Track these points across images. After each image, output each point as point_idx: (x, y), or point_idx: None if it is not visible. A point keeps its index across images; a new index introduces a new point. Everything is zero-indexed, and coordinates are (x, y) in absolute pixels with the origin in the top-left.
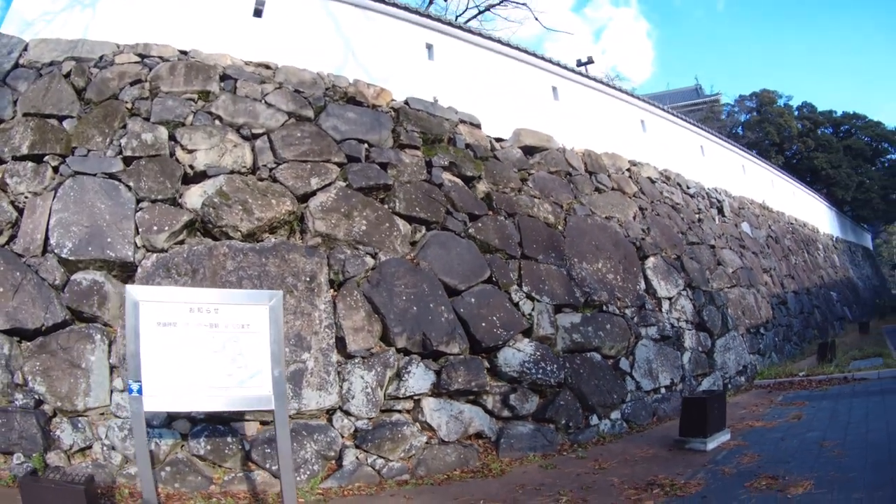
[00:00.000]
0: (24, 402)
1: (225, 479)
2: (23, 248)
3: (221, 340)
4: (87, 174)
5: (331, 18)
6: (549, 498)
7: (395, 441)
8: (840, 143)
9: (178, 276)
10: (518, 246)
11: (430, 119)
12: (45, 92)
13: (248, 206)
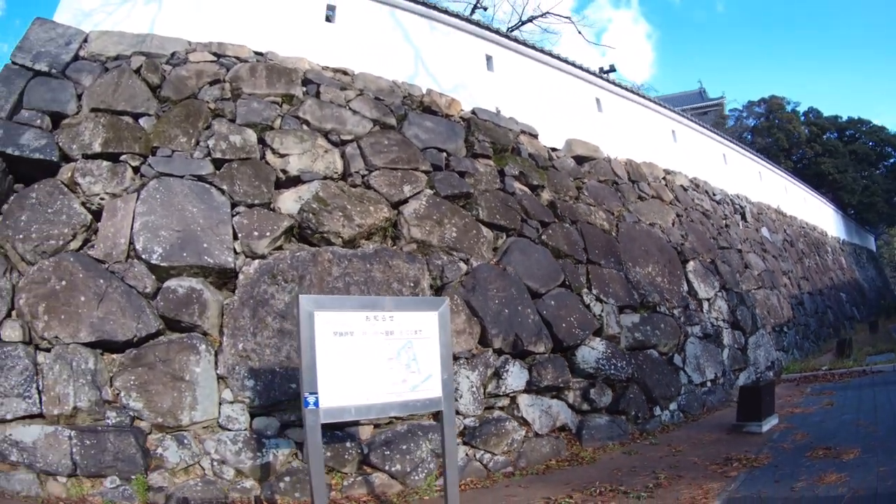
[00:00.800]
0: (118, 420)
1: (344, 484)
2: (104, 253)
3: (396, 347)
4: (174, 176)
5: (399, 27)
6: (647, 477)
7: (499, 436)
8: (846, 148)
9: (284, 282)
10: (583, 251)
11: (496, 129)
12: (116, 87)
13: (347, 212)
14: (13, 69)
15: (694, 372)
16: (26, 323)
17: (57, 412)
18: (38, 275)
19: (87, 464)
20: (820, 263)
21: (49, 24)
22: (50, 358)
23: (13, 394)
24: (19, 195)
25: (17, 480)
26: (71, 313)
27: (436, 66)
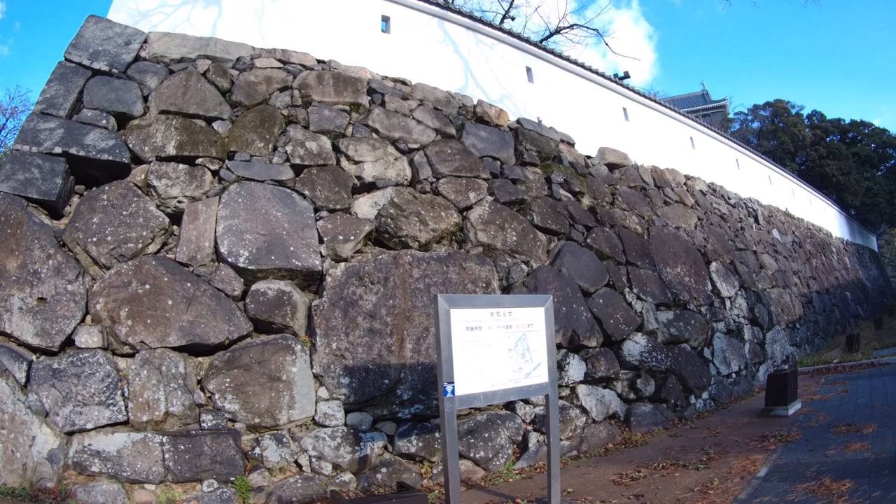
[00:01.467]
0: (215, 423)
1: (433, 472)
2: (187, 256)
3: (514, 339)
4: (255, 180)
5: (448, 40)
6: (698, 453)
7: (564, 423)
8: (849, 151)
9: (370, 283)
10: (622, 253)
11: (539, 138)
12: (185, 90)
13: (422, 217)
14: (69, 67)
15: (721, 364)
16: (106, 328)
17: (146, 418)
18: (117, 279)
19: (181, 469)
20: (826, 263)
21: (105, 23)
22: (136, 363)
23: (93, 402)
24: (88, 197)
25: (100, 492)
26: (158, 317)
27: (483, 78)
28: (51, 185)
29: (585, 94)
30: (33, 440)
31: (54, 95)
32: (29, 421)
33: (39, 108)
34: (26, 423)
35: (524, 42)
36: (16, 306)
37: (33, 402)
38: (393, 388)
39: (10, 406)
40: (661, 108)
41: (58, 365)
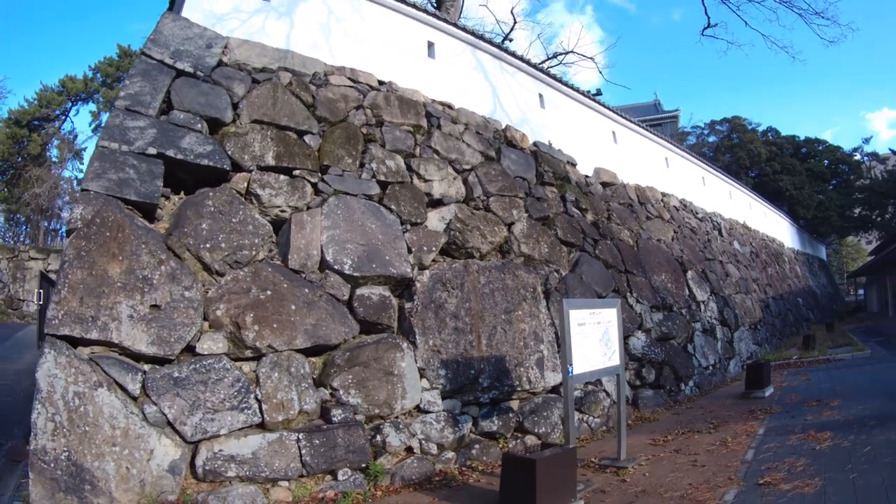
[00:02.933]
0: (344, 416)
1: (509, 446)
2: (299, 264)
3: (602, 332)
4: (349, 194)
5: (480, 67)
6: (704, 423)
7: (595, 404)
8: (802, 166)
9: (451, 288)
10: (622, 263)
11: (552, 160)
12: (274, 101)
13: (482, 231)
14: (151, 63)
15: (702, 358)
16: (230, 334)
17: (281, 418)
18: (235, 285)
19: (317, 462)
20: (780, 272)
21: (183, 22)
22: (265, 366)
23: (225, 407)
24: (191, 202)
25: (237, 495)
26: (283, 321)
27: (506, 103)
28: (151, 188)
29: (584, 119)
30: (151, 453)
31: (139, 92)
32: (145, 434)
33: (124, 103)
34: (142, 436)
35: (538, 70)
36: (125, 314)
37: (152, 414)
38: (476, 378)
39: (122, 420)
40: (643, 132)
41: (179, 373)
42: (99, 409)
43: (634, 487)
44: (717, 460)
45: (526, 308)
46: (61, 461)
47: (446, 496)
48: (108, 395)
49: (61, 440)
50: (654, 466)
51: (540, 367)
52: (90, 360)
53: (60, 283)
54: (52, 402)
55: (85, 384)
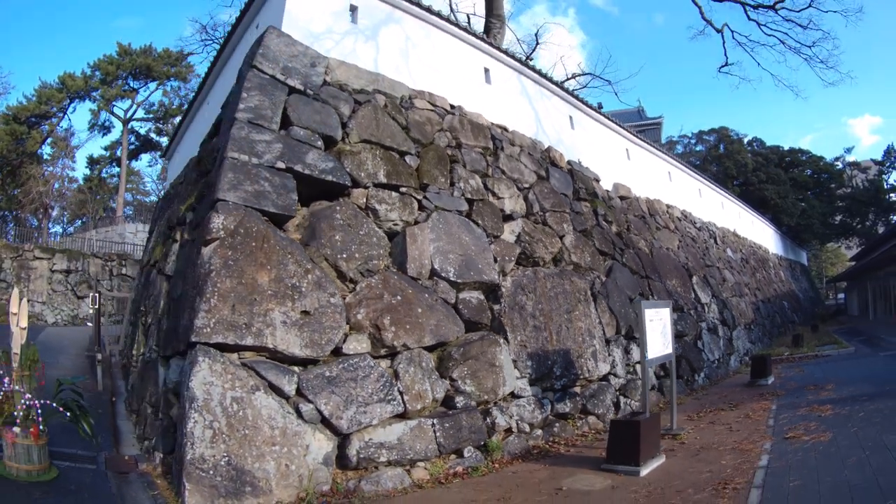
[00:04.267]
0: (464, 403)
1: (576, 424)
2: (416, 272)
3: (661, 326)
4: (447, 210)
5: (524, 91)
6: (725, 404)
7: (634, 390)
8: (787, 176)
9: (528, 293)
10: (643, 270)
11: (584, 178)
12: (377, 123)
13: (544, 242)
14: (264, 78)
15: (709, 353)
16: (371, 335)
17: (419, 406)
18: (370, 291)
19: (448, 443)
20: (766, 277)
21: (286, 38)
22: (402, 362)
23: (373, 400)
24: (322, 215)
25: (387, 478)
26: (413, 323)
27: (546, 124)
28: (287, 201)
29: (604, 138)
30: (307, 449)
31: (259, 106)
32: (301, 431)
33: (245, 116)
34: (299, 433)
35: (569, 94)
36: (278, 320)
37: (307, 412)
38: (551, 367)
39: (280, 421)
40: (651, 149)
41: (330, 373)
42: (258, 412)
43: (694, 446)
44: (747, 427)
45: (581, 309)
46: (221, 467)
47: (553, 463)
48: (266, 398)
49: (221, 446)
50: (701, 433)
51: (594, 359)
52: (243, 365)
53: (209, 291)
54: (209, 410)
55: (242, 389)
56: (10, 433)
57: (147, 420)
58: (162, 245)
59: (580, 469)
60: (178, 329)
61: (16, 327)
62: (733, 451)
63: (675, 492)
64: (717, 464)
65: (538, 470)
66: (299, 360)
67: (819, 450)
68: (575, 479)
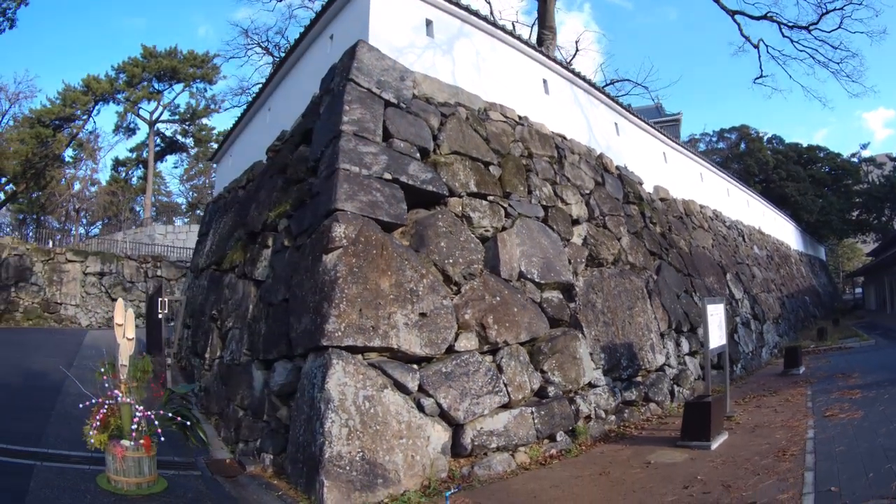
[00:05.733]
0: (555, 392)
1: (640, 410)
2: (508, 274)
3: (719, 320)
4: (528, 216)
5: (577, 101)
6: (765, 390)
7: (685, 379)
8: (805, 173)
9: (597, 291)
10: (685, 268)
11: (631, 181)
12: (462, 135)
13: (606, 245)
14: (362, 91)
15: (744, 345)
16: (477, 333)
17: (520, 396)
18: (472, 293)
19: (544, 429)
20: (789, 273)
21: (376, 53)
22: (504, 357)
23: (483, 392)
24: (425, 223)
25: (497, 462)
26: (511, 321)
27: (597, 133)
28: (398, 210)
29: (645, 143)
30: (428, 440)
31: (361, 119)
32: (423, 423)
33: (350, 128)
34: (421, 426)
35: (614, 102)
36: (401, 322)
37: (428, 405)
38: (619, 359)
39: (405, 415)
40: (686, 152)
41: (446, 369)
42: (386, 408)
43: (748, 425)
44: (789, 409)
45: (639, 305)
46: (356, 462)
47: (631, 443)
48: (392, 395)
49: (356, 442)
50: (751, 415)
51: (652, 351)
52: (371, 365)
53: (337, 297)
54: (344, 409)
55: (372, 387)
56: (119, 447)
57: (241, 423)
58: (242, 250)
59: (658, 447)
60: (288, 333)
61: (122, 339)
62: (783, 428)
63: (745, 459)
64: (772, 437)
65: (621, 449)
66: (416, 359)
67: (854, 424)
68: (657, 455)
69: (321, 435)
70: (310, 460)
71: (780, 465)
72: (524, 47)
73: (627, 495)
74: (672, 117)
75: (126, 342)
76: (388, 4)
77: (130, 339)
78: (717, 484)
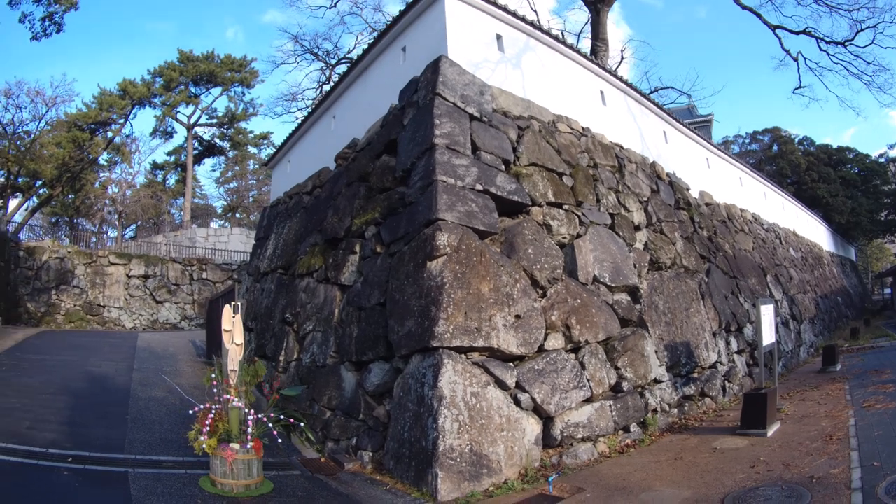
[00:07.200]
0: (628, 387)
1: (697, 404)
2: (584, 278)
3: (771, 317)
4: (598, 224)
5: (630, 111)
6: (807, 386)
7: (735, 375)
8: (836, 174)
9: (658, 293)
10: (731, 270)
11: (680, 188)
12: (537, 147)
13: (664, 249)
14: (448, 106)
15: (784, 345)
16: (563, 333)
17: (600, 391)
18: (557, 296)
19: (620, 421)
20: (822, 274)
21: (457, 68)
22: (586, 355)
23: (570, 387)
24: (513, 231)
25: (582, 451)
26: (591, 322)
27: (649, 141)
28: (491, 220)
29: (690, 150)
30: (524, 432)
31: (451, 132)
32: (520, 417)
33: (443, 142)
34: (518, 419)
35: (662, 111)
36: (500, 324)
37: (524, 400)
38: (679, 357)
39: (505, 410)
40: (726, 157)
41: (538, 366)
42: (490, 404)
43: (796, 415)
44: (830, 401)
45: (694, 306)
46: (465, 454)
47: (695, 433)
48: (494, 391)
49: (465, 436)
50: (796, 407)
51: (706, 349)
52: (474, 364)
53: (444, 301)
54: (454, 405)
55: (478, 384)
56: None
57: (330, 423)
58: (322, 256)
59: (720, 436)
60: (386, 336)
61: (231, 344)
62: (827, 417)
63: (798, 443)
64: (818, 425)
65: (687, 438)
66: (512, 358)
67: (890, 413)
68: (720, 442)
69: (434, 430)
70: (420, 454)
71: (828, 447)
72: (583, 60)
73: (704, 474)
74: (704, 118)
75: (235, 347)
76: (462, 21)
77: (239, 345)
78: (778, 463)
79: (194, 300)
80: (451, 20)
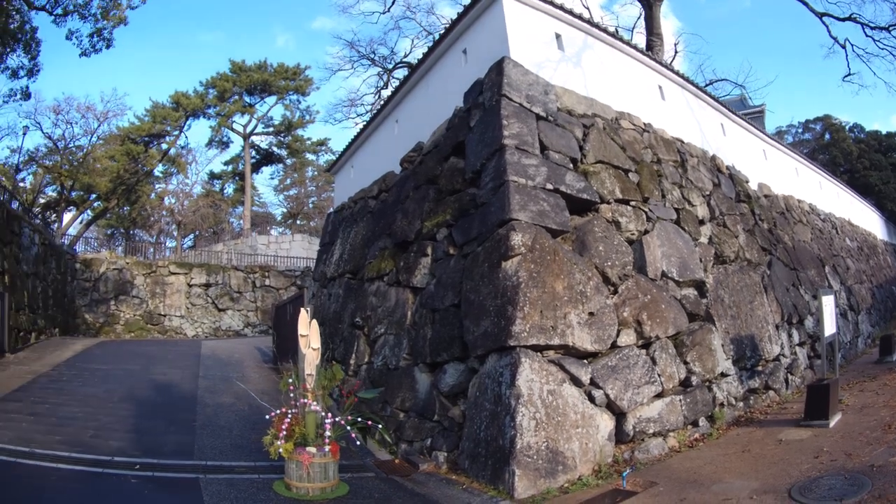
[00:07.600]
0: (696, 381)
1: (762, 397)
2: (653, 274)
3: (832, 308)
4: (664, 220)
5: (688, 105)
6: (865, 376)
7: (797, 368)
8: (887, 161)
9: (724, 287)
10: (791, 262)
11: (740, 181)
12: (603, 145)
13: (727, 242)
14: (515, 106)
15: (843, 336)
16: (634, 329)
17: (670, 386)
18: (628, 293)
19: (689, 415)
20: (877, 263)
21: (520, 69)
22: (656, 350)
23: (642, 383)
24: (584, 228)
25: (653, 446)
26: (661, 317)
27: (707, 135)
28: (562, 218)
29: (747, 142)
30: (598, 428)
31: (520, 133)
32: (594, 413)
33: (512, 142)
34: (592, 416)
35: (719, 103)
36: (574, 322)
37: (598, 397)
38: (744, 350)
39: (580, 406)
40: (782, 148)
41: (611, 363)
42: (565, 401)
43: (856, 406)
44: (888, 391)
45: (758, 299)
46: (542, 451)
47: (760, 426)
48: (570, 388)
49: (542, 433)
50: (856, 398)
51: (770, 342)
52: (550, 361)
53: (521, 301)
54: (531, 403)
55: (554, 382)
56: (305, 454)
57: (404, 424)
58: (392, 259)
59: (784, 427)
60: (461, 336)
61: (307, 349)
62: (885, 407)
63: (858, 433)
64: (877, 415)
65: (754, 431)
66: (586, 354)
67: None
68: (785, 434)
69: (511, 428)
70: (496, 452)
71: (887, 436)
72: (640, 56)
73: (771, 466)
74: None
75: (312, 352)
76: (521, 21)
77: (316, 349)
78: (841, 453)
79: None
80: (510, 21)
